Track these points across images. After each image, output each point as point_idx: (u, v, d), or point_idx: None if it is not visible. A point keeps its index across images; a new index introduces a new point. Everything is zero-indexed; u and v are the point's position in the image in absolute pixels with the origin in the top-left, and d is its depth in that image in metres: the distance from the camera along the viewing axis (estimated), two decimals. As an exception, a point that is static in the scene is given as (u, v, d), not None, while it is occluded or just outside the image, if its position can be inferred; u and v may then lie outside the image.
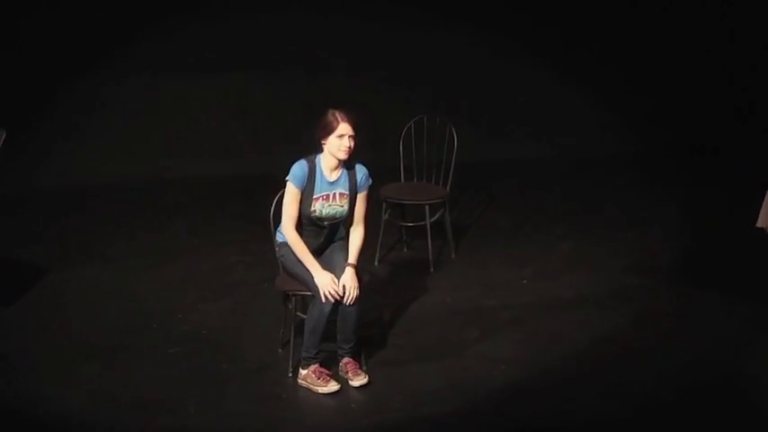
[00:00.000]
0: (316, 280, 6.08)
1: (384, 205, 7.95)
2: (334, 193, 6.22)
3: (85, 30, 9.69)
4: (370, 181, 6.33)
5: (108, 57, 9.87)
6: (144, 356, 6.57)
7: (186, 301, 7.36)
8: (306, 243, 6.21)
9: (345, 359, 6.28)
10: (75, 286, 7.60)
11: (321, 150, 6.19)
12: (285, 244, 6.28)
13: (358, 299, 6.13)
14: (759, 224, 6.74)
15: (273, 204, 6.37)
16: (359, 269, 6.27)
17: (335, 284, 6.07)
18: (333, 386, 6.16)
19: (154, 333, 6.89)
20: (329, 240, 6.33)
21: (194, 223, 8.90)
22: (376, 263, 7.98)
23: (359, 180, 6.27)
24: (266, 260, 7.46)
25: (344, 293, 6.09)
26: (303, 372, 6.21)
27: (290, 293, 6.35)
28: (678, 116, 10.80)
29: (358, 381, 6.20)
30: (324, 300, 6.04)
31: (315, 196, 6.17)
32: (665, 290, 7.51)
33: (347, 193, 6.24)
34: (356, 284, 6.14)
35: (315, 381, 6.17)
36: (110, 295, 7.44)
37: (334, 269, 6.14)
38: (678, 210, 9.16)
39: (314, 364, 6.21)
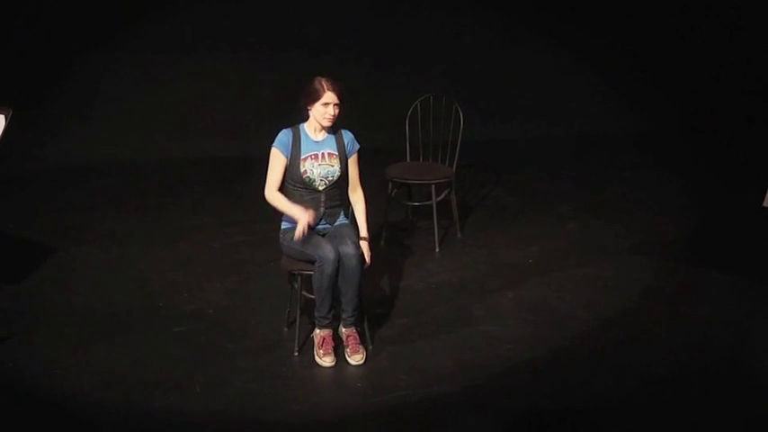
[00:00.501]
0: (296, 216, 6.12)
1: (390, 185, 7.95)
2: (323, 153, 6.28)
3: (93, 8, 9.70)
4: (358, 145, 6.41)
5: (116, 35, 9.88)
6: (150, 335, 6.58)
7: (192, 280, 7.36)
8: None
9: (347, 331, 6.30)
10: (81, 265, 7.61)
11: (306, 117, 6.28)
12: (289, 230, 6.31)
13: (365, 263, 6.19)
14: (766, 204, 6.72)
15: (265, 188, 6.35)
16: (371, 240, 6.33)
17: (312, 213, 6.16)
18: (326, 361, 6.19)
19: (160, 312, 6.90)
20: (329, 209, 6.32)
21: (200, 203, 8.91)
22: (382, 242, 7.97)
23: (346, 143, 6.35)
24: (272, 240, 7.37)
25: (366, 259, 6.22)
26: (315, 332, 6.29)
27: (296, 272, 6.35)
28: (683, 96, 10.76)
29: (355, 359, 6.22)
30: (297, 236, 6.10)
31: (302, 157, 6.24)
32: (671, 270, 7.49)
33: (336, 153, 6.30)
34: (370, 253, 6.26)
35: (316, 348, 6.23)
36: (116, 274, 7.46)
37: (344, 243, 6.14)
38: (684, 190, 9.15)
39: (324, 328, 6.25)
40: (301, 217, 6.14)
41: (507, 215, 8.67)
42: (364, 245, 6.25)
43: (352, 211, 6.47)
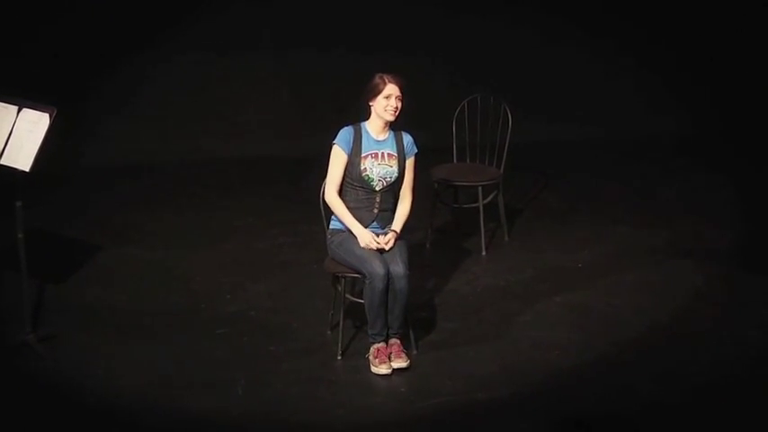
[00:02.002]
0: (358, 237, 6.17)
1: (436, 187, 7.92)
2: (383, 152, 6.27)
3: (136, 7, 9.72)
4: (416, 149, 6.39)
5: (158, 34, 9.88)
6: (192, 337, 6.60)
7: (235, 281, 7.37)
8: (359, 220, 6.24)
9: (392, 340, 6.28)
10: (123, 265, 7.64)
11: (368, 114, 6.27)
12: (337, 231, 6.31)
13: (407, 277, 6.14)
14: None
15: (323, 185, 6.36)
16: (399, 237, 6.29)
17: (377, 240, 6.17)
18: (383, 369, 6.16)
19: (202, 313, 6.91)
20: (382, 212, 6.30)
21: (243, 203, 8.91)
22: (427, 245, 7.95)
23: (405, 144, 6.35)
24: (316, 241, 7.46)
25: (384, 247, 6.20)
26: (370, 349, 6.27)
27: (340, 275, 6.34)
28: (735, 97, 10.65)
29: (397, 363, 6.20)
30: (364, 243, 6.12)
31: (363, 154, 6.23)
32: (721, 276, 7.42)
33: (395, 154, 6.30)
34: (390, 242, 6.23)
35: (372, 359, 6.21)
36: (158, 274, 7.48)
37: (394, 261, 6.14)
38: (735, 193, 9.05)
39: (378, 342, 6.23)
40: (362, 236, 6.17)
41: (555, 218, 8.62)
42: (390, 235, 6.22)
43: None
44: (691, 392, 5.93)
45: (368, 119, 6.31)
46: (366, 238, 6.18)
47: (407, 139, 6.38)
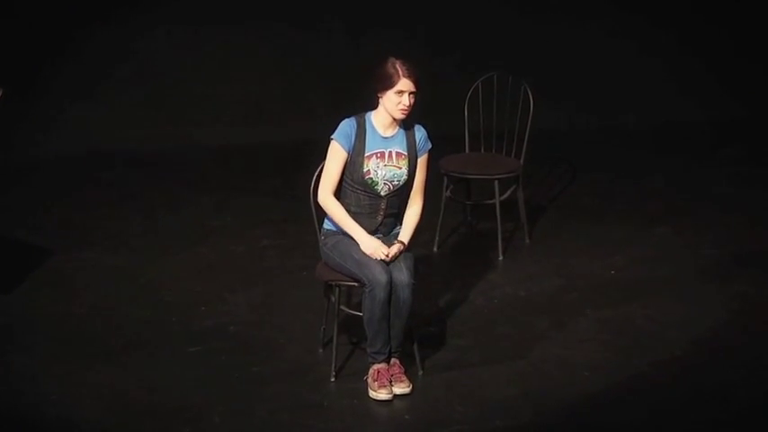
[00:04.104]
0: (362, 245, 6.13)
1: (445, 180, 7.92)
2: (390, 152, 6.21)
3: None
4: (430, 144, 6.34)
5: (127, 6, 9.89)
6: (162, 356, 6.59)
7: (210, 290, 7.37)
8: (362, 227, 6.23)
9: (392, 360, 6.27)
10: (84, 272, 7.63)
11: (376, 103, 6.21)
12: (332, 233, 6.29)
13: (412, 287, 6.11)
14: None
15: (314, 178, 6.33)
16: (406, 249, 6.27)
17: (386, 249, 6.13)
18: (383, 393, 6.15)
19: (174, 328, 6.91)
20: (387, 220, 6.28)
21: (222, 199, 8.93)
22: (435, 248, 7.97)
23: (417, 141, 6.28)
24: (305, 244, 7.50)
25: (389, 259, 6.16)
26: (369, 370, 6.26)
27: (333, 283, 6.33)
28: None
29: (399, 388, 6.19)
30: (370, 252, 6.09)
31: (367, 154, 6.17)
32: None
33: (405, 153, 6.24)
34: (395, 254, 6.18)
35: (371, 382, 6.20)
36: (123, 283, 7.48)
37: (397, 268, 6.12)
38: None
39: (378, 362, 6.22)
40: (368, 246, 6.13)
41: (584, 217, 8.64)
42: (397, 247, 6.17)
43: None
44: (742, 422, 5.94)
45: (375, 108, 6.23)
46: (372, 245, 6.12)
47: (420, 133, 6.30)
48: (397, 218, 6.34)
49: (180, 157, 9.77)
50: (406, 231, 6.26)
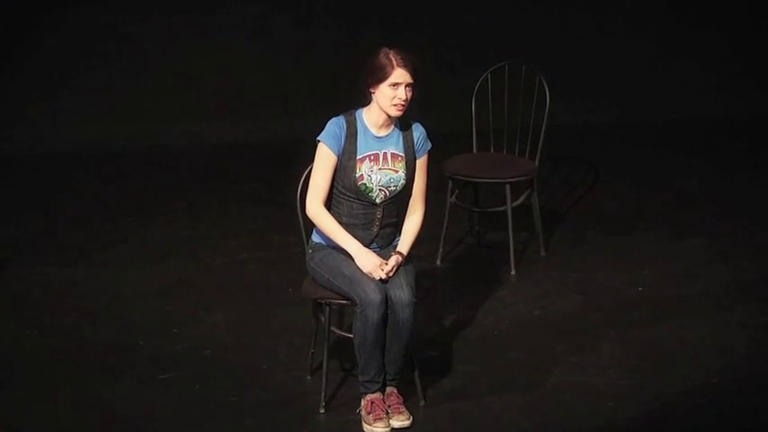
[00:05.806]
0: (359, 261, 6.10)
1: (450, 184, 7.93)
2: (385, 153, 6.21)
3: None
4: (429, 144, 6.34)
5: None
6: (127, 384, 6.56)
7: (183, 309, 7.38)
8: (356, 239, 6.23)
9: (389, 389, 6.27)
10: (38, 288, 7.63)
11: (368, 99, 6.20)
12: (321, 246, 6.29)
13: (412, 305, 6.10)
14: None
15: (301, 182, 6.30)
16: (405, 261, 6.26)
17: (384, 267, 6.11)
18: (378, 427, 6.13)
19: (140, 352, 6.89)
20: (384, 231, 6.27)
21: (198, 206, 8.95)
22: (438, 261, 7.98)
23: (416, 140, 6.29)
24: (291, 256, 7.57)
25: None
26: (361, 402, 6.26)
27: (323, 302, 6.31)
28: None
29: (398, 421, 6.18)
30: (368, 270, 6.07)
31: (359, 156, 6.17)
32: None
33: (402, 154, 6.24)
34: (394, 268, 6.16)
35: (365, 415, 6.19)
36: (85, 301, 7.47)
37: (396, 284, 6.11)
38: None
39: (372, 392, 6.21)
40: (365, 263, 6.10)
41: (607, 226, 8.67)
42: (395, 259, 6.15)
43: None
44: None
45: (366, 105, 6.22)
46: (370, 263, 6.10)
47: (418, 132, 6.30)
48: (396, 228, 6.34)
49: (146, 159, 9.80)
50: (405, 242, 6.26)
